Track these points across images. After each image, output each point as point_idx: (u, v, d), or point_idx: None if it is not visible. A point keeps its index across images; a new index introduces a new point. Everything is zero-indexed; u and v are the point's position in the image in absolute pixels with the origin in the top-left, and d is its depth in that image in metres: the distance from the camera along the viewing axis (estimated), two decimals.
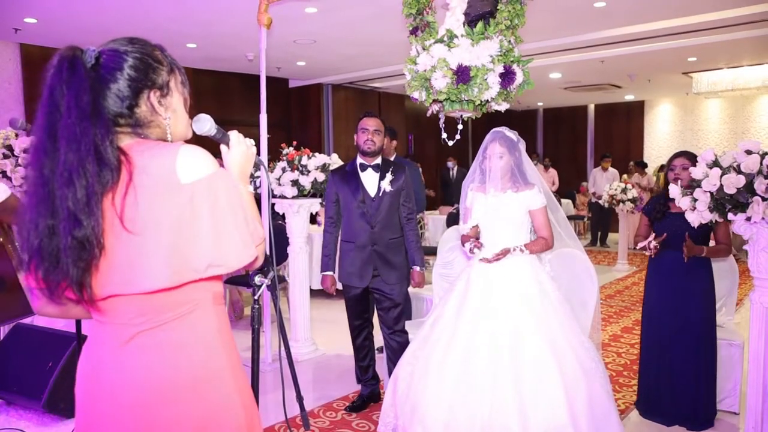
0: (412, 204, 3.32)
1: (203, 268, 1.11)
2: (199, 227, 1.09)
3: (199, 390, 1.18)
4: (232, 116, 8.49)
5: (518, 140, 2.76)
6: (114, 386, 1.15)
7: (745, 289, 5.73)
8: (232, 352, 1.27)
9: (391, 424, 2.71)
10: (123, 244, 1.08)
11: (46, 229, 1.06)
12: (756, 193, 2.42)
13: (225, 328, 1.27)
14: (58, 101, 1.06)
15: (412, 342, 2.82)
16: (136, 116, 1.17)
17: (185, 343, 1.17)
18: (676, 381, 3.10)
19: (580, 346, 2.50)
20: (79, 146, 1.05)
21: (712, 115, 11.54)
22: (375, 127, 3.24)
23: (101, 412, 1.17)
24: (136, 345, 1.15)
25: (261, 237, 1.22)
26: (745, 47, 7.16)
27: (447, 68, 2.46)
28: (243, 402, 1.25)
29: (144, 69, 1.17)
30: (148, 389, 1.14)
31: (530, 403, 2.32)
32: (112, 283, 1.10)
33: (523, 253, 2.65)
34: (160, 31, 6.08)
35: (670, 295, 3.13)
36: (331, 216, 3.37)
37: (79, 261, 1.06)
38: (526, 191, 2.70)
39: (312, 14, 5.67)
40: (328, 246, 3.38)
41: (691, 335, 3.06)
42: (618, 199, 7.56)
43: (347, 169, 3.34)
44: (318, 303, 5.78)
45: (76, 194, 1.04)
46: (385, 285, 3.25)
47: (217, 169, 1.15)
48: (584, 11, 5.67)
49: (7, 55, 6.61)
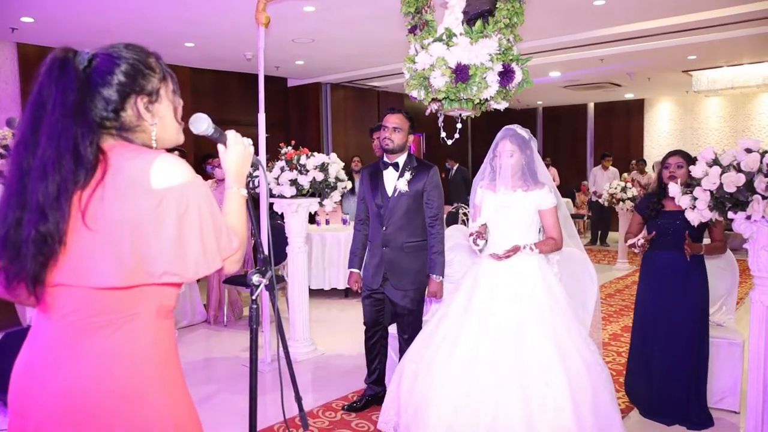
0: (436, 206, 3.12)
1: (159, 273, 1.10)
2: (161, 233, 1.08)
3: (123, 406, 1.14)
4: (231, 115, 8.47)
5: (530, 138, 2.73)
6: (41, 388, 1.14)
7: (746, 288, 5.73)
8: (167, 368, 1.22)
9: (392, 422, 2.69)
10: (81, 241, 1.08)
11: (13, 221, 1.07)
12: (756, 192, 2.41)
13: (165, 342, 1.22)
14: (45, 99, 1.09)
15: (415, 340, 2.79)
16: (122, 120, 1.18)
17: (116, 355, 1.14)
18: (668, 380, 3.09)
19: (586, 348, 2.49)
20: (58, 142, 1.07)
21: (711, 113, 11.53)
22: (394, 125, 3.11)
23: (29, 412, 1.16)
24: (67, 348, 1.14)
25: (233, 249, 1.21)
26: (744, 45, 7.15)
27: (446, 67, 2.45)
28: (175, 421, 1.20)
29: (134, 75, 1.18)
30: (72, 399, 1.12)
31: (536, 404, 2.31)
32: (61, 273, 1.10)
33: (532, 251, 2.64)
34: (158, 30, 6.06)
35: (664, 295, 3.12)
36: (360, 214, 3.33)
37: (38, 255, 1.07)
38: (537, 190, 2.68)
39: (310, 13, 5.65)
40: (356, 243, 3.33)
41: (684, 334, 3.06)
42: (618, 198, 7.56)
43: (374, 167, 3.28)
44: (317, 303, 5.77)
45: (47, 188, 1.06)
46: (394, 291, 3.14)
47: (193, 179, 1.14)
48: (584, 9, 5.66)
49: (4, 54, 6.59)
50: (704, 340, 3.10)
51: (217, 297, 5.33)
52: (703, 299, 3.11)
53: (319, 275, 6.07)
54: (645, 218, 3.25)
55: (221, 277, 5.12)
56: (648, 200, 3.28)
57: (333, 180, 4.26)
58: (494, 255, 2.64)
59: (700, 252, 3.04)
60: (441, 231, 3.14)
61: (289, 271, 4.41)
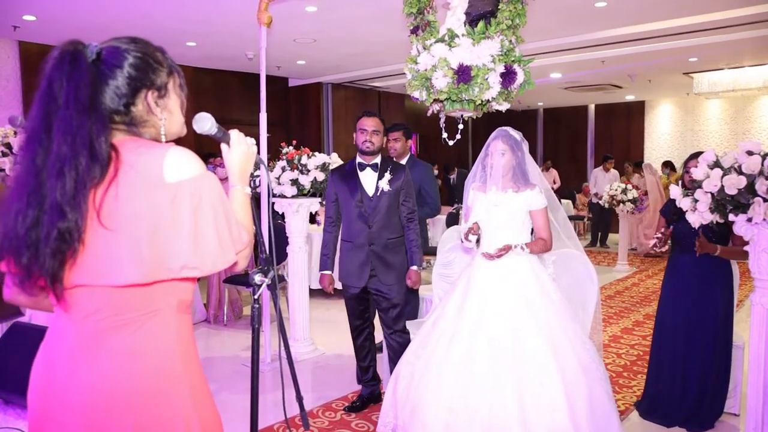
0: (412, 203, 3.30)
1: (177, 268, 1.09)
2: (178, 227, 1.08)
3: (148, 402, 1.14)
4: (232, 115, 8.48)
5: (522, 140, 2.76)
6: (65, 387, 1.13)
7: (746, 290, 5.73)
8: (190, 363, 1.22)
9: (391, 424, 2.70)
10: (98, 239, 1.07)
11: (33, 220, 1.06)
12: (757, 194, 2.41)
13: (186, 338, 1.22)
14: (56, 93, 1.06)
15: (412, 341, 2.81)
16: (132, 114, 1.17)
17: (140, 351, 1.14)
18: (690, 383, 3.09)
19: (582, 348, 2.49)
20: (74, 139, 1.05)
21: (712, 115, 11.53)
22: (374, 128, 3.23)
23: (51, 411, 1.15)
24: (90, 347, 1.13)
25: (244, 243, 1.21)
26: (745, 47, 7.16)
27: (448, 68, 2.45)
28: (200, 417, 1.20)
29: (144, 68, 1.17)
30: (97, 397, 1.12)
31: (531, 404, 2.31)
32: (80, 274, 1.09)
33: (524, 251, 2.65)
34: (160, 29, 6.07)
35: (687, 297, 3.12)
36: (331, 215, 3.38)
37: (57, 253, 1.05)
38: (527, 191, 2.70)
39: (312, 13, 5.66)
40: (327, 245, 3.38)
41: (707, 337, 3.05)
42: (618, 199, 7.56)
43: (347, 168, 3.34)
44: (317, 303, 5.77)
45: (65, 186, 1.04)
46: (382, 285, 3.23)
47: (204, 171, 1.14)
48: (585, 11, 5.66)
49: (6, 52, 6.60)
50: (727, 345, 3.08)
51: (217, 296, 5.33)
52: (726, 303, 3.09)
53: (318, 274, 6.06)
54: (668, 221, 3.27)
55: (221, 276, 5.12)
56: (672, 203, 3.28)
57: None
58: (486, 254, 2.65)
59: (714, 252, 3.01)
60: (418, 225, 3.35)
61: (290, 270, 4.41)
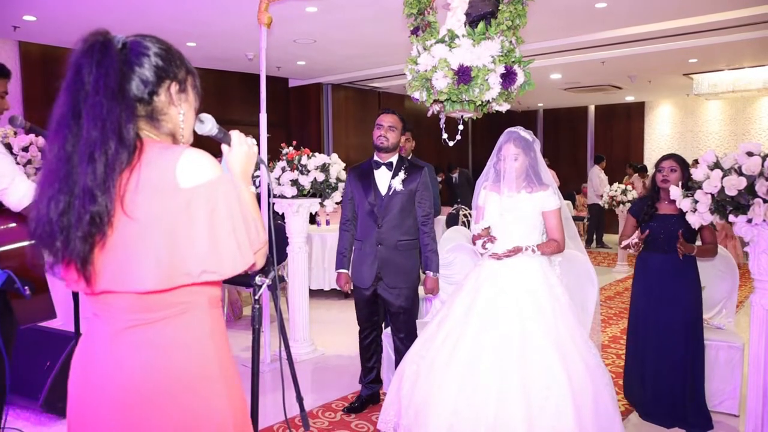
0: (428, 206, 3.18)
1: (197, 273, 1.10)
2: (195, 233, 1.08)
3: (184, 393, 1.16)
4: (232, 115, 8.48)
5: (533, 140, 2.73)
6: (102, 380, 1.15)
7: (746, 291, 5.73)
8: (224, 357, 1.24)
9: (392, 422, 2.68)
10: (123, 228, 1.09)
11: (65, 206, 1.07)
12: (757, 195, 2.41)
13: (219, 331, 1.24)
14: (84, 80, 1.07)
15: (416, 340, 2.78)
16: (155, 104, 1.19)
17: (175, 344, 1.16)
18: (662, 383, 3.10)
19: (587, 351, 2.48)
20: (104, 124, 1.06)
21: (712, 116, 11.53)
22: (390, 124, 3.17)
23: (90, 405, 1.17)
24: (125, 341, 1.15)
25: (262, 242, 1.21)
26: (745, 49, 7.16)
27: (448, 68, 2.45)
28: (234, 410, 1.22)
29: (168, 59, 1.20)
30: (133, 387, 1.14)
31: (536, 406, 2.31)
32: (105, 280, 1.11)
33: (534, 253, 2.64)
34: (160, 29, 6.06)
35: (658, 297, 3.13)
36: (347, 214, 3.32)
37: (88, 237, 1.07)
38: (541, 192, 2.69)
39: (312, 14, 5.66)
40: (343, 244, 3.32)
41: (679, 336, 3.06)
42: (618, 200, 7.57)
43: (363, 167, 3.30)
44: (317, 303, 5.77)
45: (95, 171, 1.05)
46: (389, 288, 3.15)
47: (219, 174, 1.14)
48: (585, 12, 5.67)
49: (6, 53, 6.60)
50: (699, 343, 3.10)
51: None
52: (695, 301, 3.12)
53: (320, 275, 6.07)
54: (639, 221, 3.27)
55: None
56: (642, 203, 3.30)
57: (334, 180, 4.27)
58: (494, 255, 2.64)
59: (692, 252, 3.06)
60: (433, 229, 3.21)
61: (290, 271, 4.41)
